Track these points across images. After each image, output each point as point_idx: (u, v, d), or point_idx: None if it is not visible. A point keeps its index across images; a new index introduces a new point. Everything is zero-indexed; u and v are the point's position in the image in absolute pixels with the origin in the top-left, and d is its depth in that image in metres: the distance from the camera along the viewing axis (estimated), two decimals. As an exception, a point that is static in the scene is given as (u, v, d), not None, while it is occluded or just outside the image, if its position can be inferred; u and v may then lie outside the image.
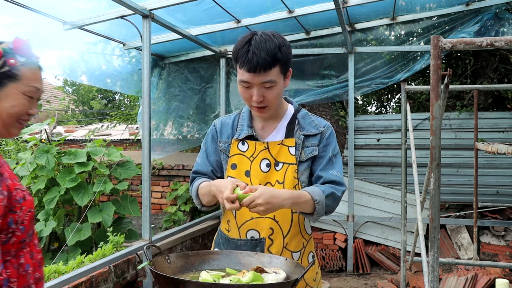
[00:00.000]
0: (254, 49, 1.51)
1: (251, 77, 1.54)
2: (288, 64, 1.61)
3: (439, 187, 1.30)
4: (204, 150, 1.84)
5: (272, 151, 1.68)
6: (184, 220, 5.47)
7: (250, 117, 1.76)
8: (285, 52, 1.56)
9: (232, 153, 1.73)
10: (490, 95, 5.54)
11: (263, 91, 1.57)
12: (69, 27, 3.71)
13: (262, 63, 1.51)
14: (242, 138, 1.72)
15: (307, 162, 1.69)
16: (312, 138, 1.70)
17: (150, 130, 3.52)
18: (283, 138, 1.70)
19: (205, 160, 1.81)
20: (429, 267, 1.29)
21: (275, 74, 1.55)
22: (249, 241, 1.68)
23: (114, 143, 7.53)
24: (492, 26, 4.83)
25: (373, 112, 6.57)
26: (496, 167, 5.12)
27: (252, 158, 1.70)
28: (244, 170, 1.70)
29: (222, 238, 1.78)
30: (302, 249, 1.71)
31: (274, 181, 1.67)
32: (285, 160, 1.67)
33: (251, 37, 1.56)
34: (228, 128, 1.78)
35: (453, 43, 1.25)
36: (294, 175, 1.66)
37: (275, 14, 4.33)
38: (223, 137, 1.78)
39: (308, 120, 1.74)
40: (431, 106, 1.28)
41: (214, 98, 5.53)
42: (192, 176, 1.84)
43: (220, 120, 1.84)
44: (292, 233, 1.68)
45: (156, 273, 1.29)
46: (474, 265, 4.01)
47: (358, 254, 5.13)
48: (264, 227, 1.66)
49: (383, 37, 5.34)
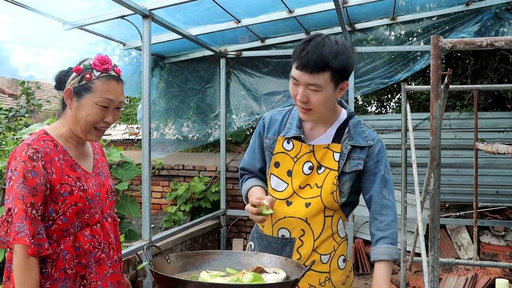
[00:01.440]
0: (309, 49, 1.50)
1: (299, 75, 1.53)
2: (343, 75, 1.55)
3: (439, 187, 1.29)
4: (251, 146, 1.82)
5: (317, 154, 1.66)
6: (184, 220, 5.46)
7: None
8: (341, 61, 1.51)
9: (276, 150, 1.72)
10: (490, 95, 5.54)
11: (308, 92, 1.54)
12: (69, 27, 3.71)
13: (311, 64, 1.49)
14: (289, 137, 1.70)
15: (350, 174, 1.66)
16: (359, 150, 1.66)
17: (150, 130, 3.52)
18: (330, 142, 1.67)
19: (252, 156, 1.81)
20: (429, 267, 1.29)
21: (323, 79, 1.51)
22: (280, 239, 1.68)
23: (114, 143, 7.54)
24: (492, 26, 4.83)
25: (373, 112, 6.57)
26: (496, 167, 5.12)
27: (296, 158, 1.68)
28: (287, 170, 1.69)
29: (257, 233, 1.79)
30: (332, 252, 1.69)
31: (313, 184, 1.66)
32: (328, 165, 1.65)
33: (313, 37, 1.54)
34: (276, 124, 1.75)
35: (453, 43, 1.25)
36: (334, 181, 1.64)
37: (275, 14, 4.33)
38: (270, 133, 1.76)
39: (359, 129, 1.69)
40: (431, 106, 1.28)
41: (214, 98, 5.53)
42: (241, 173, 1.86)
43: (270, 115, 1.80)
44: (324, 237, 1.67)
45: (156, 273, 1.29)
46: (474, 265, 4.01)
47: (358, 254, 5.13)
48: (296, 227, 1.66)
49: (383, 37, 5.34)
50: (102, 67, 1.55)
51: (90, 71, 1.54)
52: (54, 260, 1.50)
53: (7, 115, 5.56)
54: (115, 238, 1.71)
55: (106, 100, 1.54)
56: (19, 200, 1.42)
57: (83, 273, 1.56)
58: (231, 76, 5.49)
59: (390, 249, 1.60)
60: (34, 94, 6.02)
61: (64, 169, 1.54)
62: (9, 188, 1.44)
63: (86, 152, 1.68)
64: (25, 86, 5.66)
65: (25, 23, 3.52)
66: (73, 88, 1.55)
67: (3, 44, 3.64)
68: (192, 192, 5.51)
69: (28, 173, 1.44)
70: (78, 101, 1.54)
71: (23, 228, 1.40)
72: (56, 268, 1.50)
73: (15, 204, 1.41)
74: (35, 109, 5.93)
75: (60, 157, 1.55)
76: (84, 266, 1.56)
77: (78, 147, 1.64)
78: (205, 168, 5.81)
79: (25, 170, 1.44)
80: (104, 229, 1.64)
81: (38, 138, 1.54)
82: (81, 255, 1.55)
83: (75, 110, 1.55)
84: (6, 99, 10.54)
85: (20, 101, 6.99)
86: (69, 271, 1.52)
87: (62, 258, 1.51)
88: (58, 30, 3.68)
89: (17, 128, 5.30)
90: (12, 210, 1.41)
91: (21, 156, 1.47)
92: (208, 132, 5.63)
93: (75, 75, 1.56)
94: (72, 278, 1.53)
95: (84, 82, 1.54)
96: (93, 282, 1.58)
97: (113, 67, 1.58)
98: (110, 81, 1.56)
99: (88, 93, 1.53)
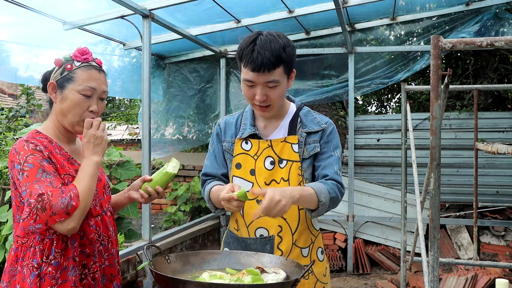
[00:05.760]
0: (259, 49, 1.53)
1: (255, 77, 1.55)
2: (291, 65, 1.62)
3: (439, 187, 1.30)
4: (212, 152, 1.83)
5: (275, 148, 1.69)
6: (184, 220, 5.46)
7: (253, 116, 1.76)
8: (289, 52, 1.57)
9: (236, 152, 1.74)
10: (490, 95, 5.54)
11: (266, 90, 1.58)
12: (69, 27, 3.71)
13: (267, 63, 1.52)
14: (245, 137, 1.72)
15: (310, 159, 1.70)
16: (314, 135, 1.71)
17: (150, 130, 3.52)
18: (286, 136, 1.70)
19: (214, 162, 1.81)
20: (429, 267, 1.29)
21: (278, 74, 1.56)
22: (258, 239, 1.68)
23: (114, 143, 7.54)
24: (492, 26, 4.83)
25: (373, 112, 6.57)
26: (496, 167, 5.12)
27: (256, 156, 1.70)
28: (249, 169, 1.70)
29: (231, 238, 1.78)
30: (310, 245, 1.72)
31: (279, 179, 1.67)
32: (288, 158, 1.68)
33: (256, 36, 1.57)
34: (232, 128, 1.78)
35: (453, 43, 1.25)
36: (299, 172, 1.67)
37: (275, 14, 4.33)
38: (227, 137, 1.78)
39: (310, 117, 1.74)
40: (431, 106, 1.28)
41: (214, 98, 5.53)
42: (203, 179, 1.84)
43: (224, 119, 1.84)
44: (300, 230, 1.69)
45: (156, 273, 1.29)
46: (474, 265, 4.01)
47: (358, 254, 5.13)
48: (273, 224, 1.66)
49: (383, 37, 5.34)
50: (82, 57, 1.57)
51: (71, 62, 1.56)
52: (63, 249, 1.51)
53: (7, 115, 5.56)
54: (113, 231, 1.73)
55: (88, 88, 1.55)
56: (49, 186, 1.42)
57: (85, 262, 1.57)
58: (231, 76, 5.49)
59: (325, 196, 1.57)
60: (34, 94, 6.02)
61: (63, 162, 1.56)
62: (26, 178, 1.43)
63: (79, 149, 1.69)
64: (25, 87, 5.67)
65: (25, 23, 3.51)
66: (56, 81, 1.57)
67: (3, 44, 3.63)
68: (192, 192, 5.51)
69: (43, 161, 1.47)
70: (62, 93, 1.56)
71: (66, 201, 1.41)
72: (65, 257, 1.52)
73: (45, 189, 1.41)
74: (35, 109, 5.93)
75: (57, 151, 1.57)
76: (87, 256, 1.58)
77: (70, 144, 1.65)
78: (205, 168, 5.80)
79: (38, 160, 1.46)
80: (104, 222, 1.66)
81: (33, 136, 1.55)
82: (85, 244, 1.57)
83: (60, 103, 1.57)
84: (6, 99, 10.54)
85: (20, 101, 6.99)
86: (77, 259, 1.54)
87: (71, 246, 1.53)
88: (58, 30, 3.68)
89: (17, 128, 5.29)
90: (46, 194, 1.40)
91: (24, 150, 1.47)
92: (208, 132, 5.63)
93: (56, 68, 1.58)
94: (78, 267, 1.55)
95: (66, 73, 1.55)
96: (96, 272, 1.60)
97: (93, 59, 1.61)
98: (91, 70, 1.57)
99: (70, 83, 1.55)
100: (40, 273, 1.47)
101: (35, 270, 1.47)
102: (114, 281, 1.70)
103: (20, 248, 1.51)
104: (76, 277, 1.53)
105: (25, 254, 1.50)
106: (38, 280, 1.46)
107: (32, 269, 1.47)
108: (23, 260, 1.50)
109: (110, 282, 1.69)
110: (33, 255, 1.49)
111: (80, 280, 1.55)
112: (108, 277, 1.68)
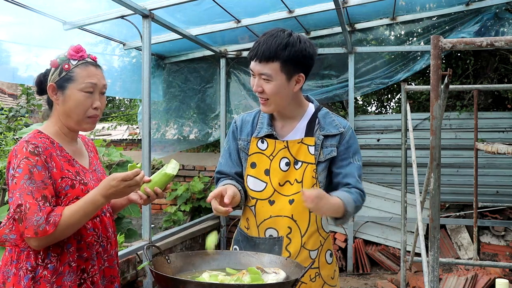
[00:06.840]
0: (262, 40, 1.58)
1: (253, 65, 1.60)
2: (293, 67, 1.59)
3: (439, 187, 1.30)
4: (227, 149, 1.82)
5: (291, 149, 1.68)
6: (184, 220, 5.46)
7: (271, 115, 1.74)
8: (291, 52, 1.56)
9: (251, 151, 1.73)
10: (490, 95, 5.53)
11: (261, 82, 1.60)
12: (69, 27, 3.71)
13: (260, 54, 1.55)
14: (262, 136, 1.71)
15: (325, 162, 1.68)
16: (331, 138, 1.68)
17: (150, 130, 3.52)
18: (303, 137, 1.69)
19: (228, 160, 1.80)
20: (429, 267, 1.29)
21: (272, 69, 1.56)
22: (267, 239, 1.67)
23: (114, 143, 7.53)
24: (492, 26, 4.83)
25: (373, 112, 6.57)
26: (496, 167, 5.12)
27: (272, 156, 1.69)
28: (264, 169, 1.69)
29: (241, 236, 1.78)
30: (319, 247, 1.70)
31: (293, 180, 1.66)
32: (304, 159, 1.66)
33: (272, 31, 1.60)
34: (248, 126, 1.77)
35: (453, 43, 1.25)
36: (313, 174, 1.65)
37: (275, 14, 4.33)
38: (243, 135, 1.76)
39: (329, 119, 1.72)
40: (431, 106, 1.28)
41: (214, 98, 5.53)
42: (216, 177, 1.83)
43: (241, 117, 1.82)
44: (310, 232, 1.67)
45: (156, 273, 1.29)
46: (474, 265, 4.01)
47: (358, 254, 5.13)
48: (283, 225, 1.66)
49: (383, 37, 5.34)
50: (78, 55, 1.57)
51: (67, 61, 1.56)
52: (59, 253, 1.50)
53: (7, 115, 5.56)
54: (113, 233, 1.72)
55: (89, 85, 1.56)
56: (29, 196, 1.40)
57: (84, 266, 1.56)
58: (231, 76, 5.49)
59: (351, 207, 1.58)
60: (34, 94, 6.01)
61: (63, 164, 1.54)
62: (14, 185, 1.43)
63: (81, 149, 1.69)
64: (25, 87, 5.67)
65: (25, 23, 3.51)
66: (55, 83, 1.56)
67: (3, 44, 3.63)
68: (192, 192, 5.51)
69: (33, 168, 1.44)
70: (63, 94, 1.56)
71: (41, 221, 1.38)
72: (61, 262, 1.50)
73: (25, 200, 1.40)
74: (35, 109, 5.93)
75: (58, 153, 1.55)
76: (85, 260, 1.56)
77: (72, 144, 1.64)
78: (205, 168, 5.81)
79: (30, 166, 1.44)
80: (103, 223, 1.65)
81: (35, 136, 1.54)
82: (83, 248, 1.56)
83: (62, 104, 1.56)
84: (6, 99, 10.53)
85: (20, 101, 6.98)
86: (73, 264, 1.53)
87: (66, 252, 1.51)
88: (58, 30, 3.68)
89: (17, 128, 5.29)
90: (24, 206, 1.39)
91: (22, 153, 1.46)
92: (208, 132, 5.64)
93: (53, 70, 1.58)
94: (75, 272, 1.53)
95: (64, 74, 1.55)
96: (95, 275, 1.58)
97: (88, 55, 1.61)
98: (88, 66, 1.58)
99: (71, 83, 1.55)
100: (35, 276, 1.46)
101: (28, 273, 1.46)
102: (115, 282, 1.70)
103: (14, 249, 1.50)
104: (72, 282, 1.51)
105: (19, 256, 1.49)
106: (32, 283, 1.45)
107: (26, 271, 1.46)
108: (18, 262, 1.48)
109: (111, 284, 1.68)
110: (27, 258, 1.47)
111: (79, 285, 1.54)
112: (109, 278, 1.67)
